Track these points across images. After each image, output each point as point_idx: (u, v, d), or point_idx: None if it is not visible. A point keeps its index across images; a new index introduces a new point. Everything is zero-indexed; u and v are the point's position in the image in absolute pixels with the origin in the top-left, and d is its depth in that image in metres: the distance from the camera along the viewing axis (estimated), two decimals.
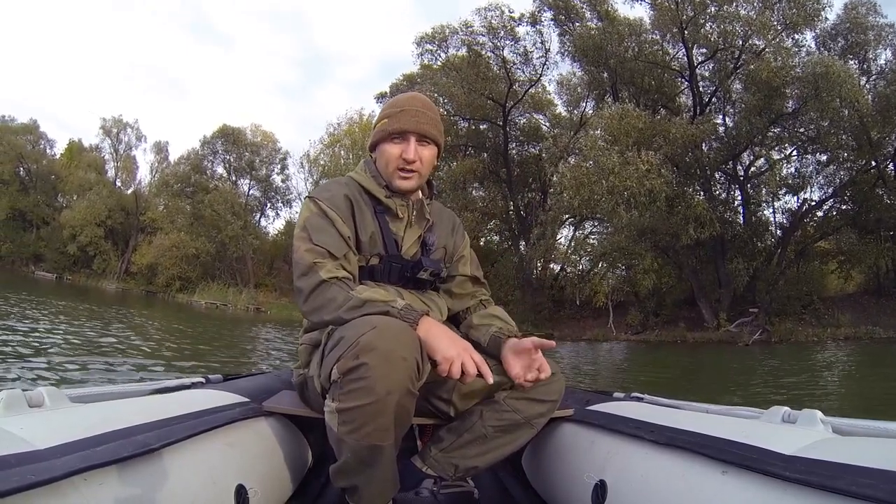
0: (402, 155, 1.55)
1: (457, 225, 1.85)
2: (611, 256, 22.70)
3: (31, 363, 5.96)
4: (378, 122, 1.61)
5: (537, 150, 28.05)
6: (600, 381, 9.91)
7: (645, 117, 18.55)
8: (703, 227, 18.39)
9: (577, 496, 1.46)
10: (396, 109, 1.57)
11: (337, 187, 1.59)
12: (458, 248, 1.80)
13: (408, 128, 1.54)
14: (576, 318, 25.33)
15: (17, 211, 44.29)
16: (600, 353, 17.66)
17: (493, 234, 32.05)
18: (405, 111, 1.56)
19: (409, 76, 29.04)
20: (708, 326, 20.05)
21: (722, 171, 22.00)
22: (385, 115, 1.58)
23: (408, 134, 1.55)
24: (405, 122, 1.55)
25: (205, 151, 38.16)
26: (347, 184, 1.62)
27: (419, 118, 1.56)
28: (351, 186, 1.61)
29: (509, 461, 1.80)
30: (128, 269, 39.86)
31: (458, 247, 1.81)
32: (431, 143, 1.59)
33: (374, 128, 1.63)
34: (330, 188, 1.60)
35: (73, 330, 9.64)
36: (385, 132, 1.57)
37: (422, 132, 1.56)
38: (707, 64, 21.44)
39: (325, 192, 1.57)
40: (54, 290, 25.37)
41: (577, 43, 22.10)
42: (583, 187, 18.11)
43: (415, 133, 1.55)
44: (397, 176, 1.57)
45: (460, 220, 1.93)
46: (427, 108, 1.59)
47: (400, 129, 1.55)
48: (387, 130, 1.56)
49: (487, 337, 1.63)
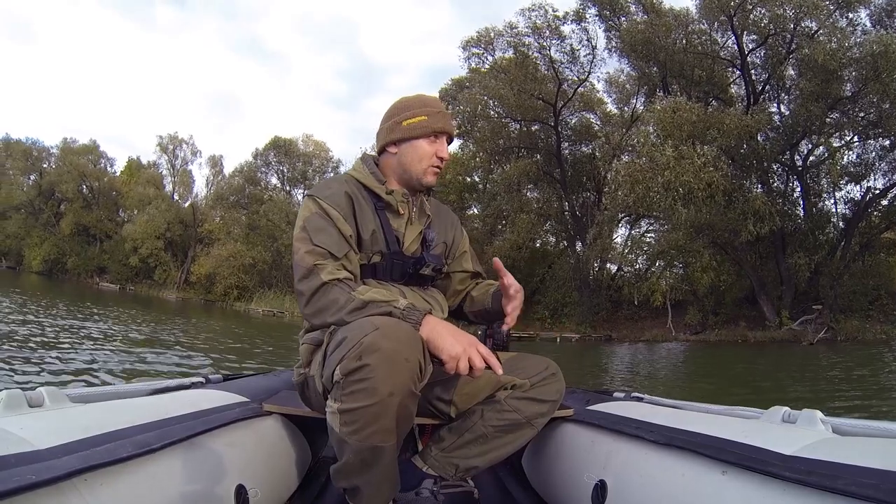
0: (437, 153, 1.63)
1: (455, 220, 1.91)
2: (668, 255, 22.63)
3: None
4: (409, 119, 1.64)
5: (590, 148, 28.28)
6: (660, 386, 9.93)
7: (698, 110, 18.34)
8: (762, 222, 18.09)
9: (577, 496, 1.50)
10: (432, 109, 1.64)
11: (337, 185, 1.62)
12: (458, 242, 1.86)
13: (447, 129, 1.65)
14: (633, 319, 25.34)
15: (82, 226, 48.18)
16: (658, 354, 17.63)
17: (549, 236, 32.23)
18: (442, 113, 1.65)
19: (457, 80, 29.76)
20: (770, 325, 19.65)
21: (779, 161, 21.32)
22: (421, 113, 1.63)
23: (443, 134, 1.64)
24: (444, 122, 1.64)
25: (258, 163, 40.52)
26: (347, 181, 1.65)
27: (450, 119, 1.67)
28: (351, 184, 1.64)
29: (509, 461, 1.81)
30: (187, 279, 42.35)
31: (458, 241, 1.86)
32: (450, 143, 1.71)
33: (395, 123, 1.66)
34: (330, 185, 1.63)
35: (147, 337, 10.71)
36: (427, 129, 1.62)
37: (453, 134, 1.68)
38: (758, 51, 20.88)
39: (325, 190, 1.60)
40: (119, 301, 27.23)
41: (623, 38, 22.00)
42: (638, 184, 18.13)
43: (449, 134, 1.66)
44: (431, 172, 1.65)
45: (459, 220, 1.99)
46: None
47: (442, 129, 1.63)
48: (430, 128, 1.62)
49: (489, 297, 1.76)
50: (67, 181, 47.23)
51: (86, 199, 48.95)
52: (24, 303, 16.90)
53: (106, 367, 7.28)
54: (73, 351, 8.25)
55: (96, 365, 7.33)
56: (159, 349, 9.59)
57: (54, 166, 49.83)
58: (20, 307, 15.14)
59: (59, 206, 50.29)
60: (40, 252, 48.07)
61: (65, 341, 9.20)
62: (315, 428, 1.83)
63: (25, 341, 8.62)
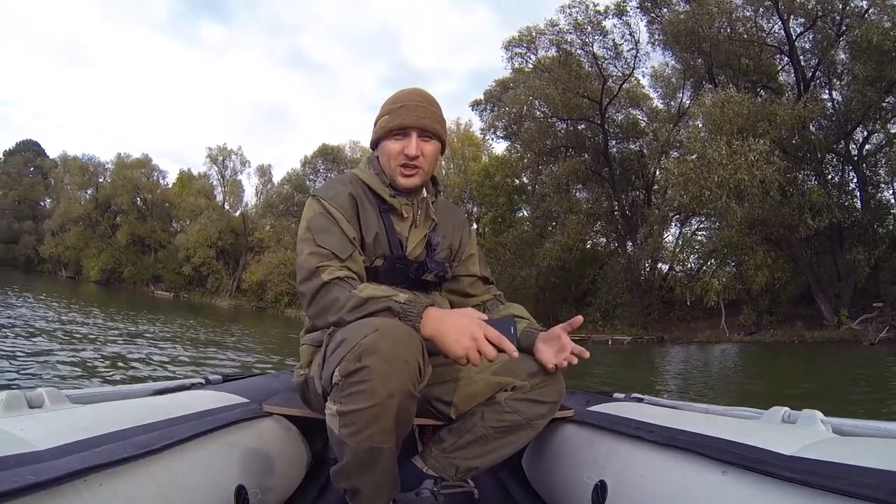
0: (403, 151, 1.56)
1: (464, 221, 1.86)
2: (720, 253, 22.29)
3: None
4: (378, 119, 1.62)
5: (637, 146, 28.29)
6: (716, 391, 9.79)
7: (748, 102, 18.02)
8: (820, 215, 17.73)
9: (577, 496, 1.51)
10: (396, 105, 1.59)
11: (341, 186, 1.61)
12: (465, 244, 1.82)
13: (409, 123, 1.56)
14: (686, 320, 25.02)
15: (137, 237, 51.35)
16: (712, 356, 17.35)
17: (599, 237, 32.19)
18: (405, 106, 1.57)
19: (501, 81, 30.14)
20: (828, 324, 19.08)
21: (833, 151, 20.76)
22: (385, 112, 1.60)
23: (409, 129, 1.56)
24: (405, 117, 1.56)
25: (306, 171, 42.08)
26: (352, 181, 1.63)
27: (420, 112, 1.57)
28: (355, 184, 1.62)
29: (509, 461, 1.79)
30: (239, 286, 44.40)
31: (465, 243, 1.82)
32: (434, 138, 1.60)
33: (374, 125, 1.65)
34: (334, 186, 1.62)
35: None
36: (385, 129, 1.58)
37: (423, 127, 1.57)
38: (807, 35, 20.44)
39: (329, 191, 1.59)
40: (173, 308, 28.71)
41: (666, 30, 21.84)
42: (691, 183, 17.99)
43: (416, 128, 1.56)
44: (400, 173, 1.59)
45: (468, 221, 1.95)
46: (428, 103, 1.61)
47: (400, 124, 1.56)
48: (387, 127, 1.57)
49: (522, 334, 1.65)
50: (122, 194, 50.56)
51: (140, 210, 52.06)
52: (89, 311, 18.30)
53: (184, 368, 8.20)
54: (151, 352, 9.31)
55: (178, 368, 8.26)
56: (221, 349, 10.27)
57: (109, 180, 53.28)
58: (85, 315, 16.57)
59: (115, 218, 53.70)
60: (98, 262, 51.18)
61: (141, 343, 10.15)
62: (315, 429, 1.83)
63: (104, 344, 9.76)
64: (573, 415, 1.78)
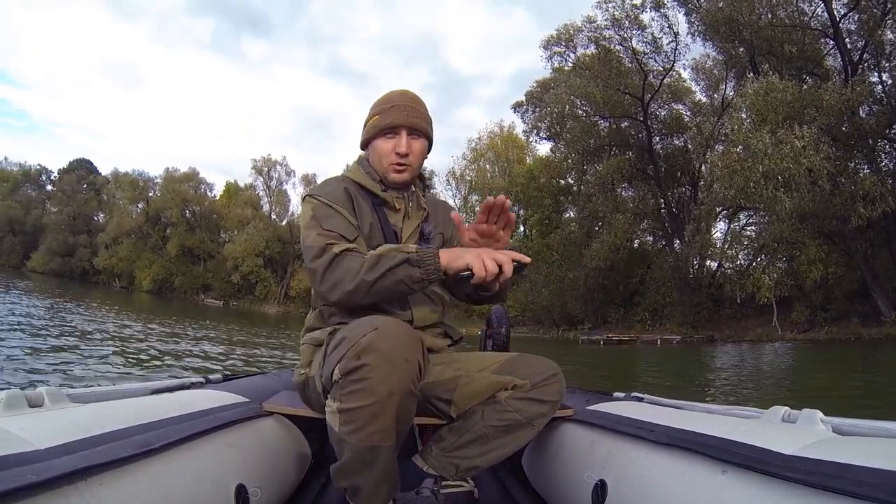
0: (394, 149, 1.64)
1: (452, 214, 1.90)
2: (770, 248, 21.92)
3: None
4: (369, 120, 1.70)
5: (682, 141, 28.12)
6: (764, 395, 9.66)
7: (792, 88, 17.75)
8: (873, 204, 17.25)
9: (577, 496, 1.52)
10: (387, 106, 1.66)
11: (335, 183, 1.69)
12: (456, 235, 1.78)
13: (399, 122, 1.63)
14: (736, 318, 24.82)
15: (186, 248, 53.47)
16: (764, 356, 17.03)
17: (647, 235, 32.18)
18: (395, 107, 1.65)
19: (542, 82, 30.41)
20: (885, 320, 18.60)
21: (886, 137, 20.13)
22: (376, 112, 1.68)
23: (399, 128, 1.64)
24: (396, 116, 1.64)
25: None
26: (344, 180, 1.71)
27: (409, 112, 1.65)
28: (347, 183, 1.69)
29: (509, 461, 1.81)
30: (287, 293, 45.91)
31: (457, 234, 1.78)
32: (422, 136, 1.69)
33: (364, 125, 1.73)
34: (328, 184, 1.71)
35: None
36: (377, 128, 1.66)
37: (412, 126, 1.65)
38: (851, 16, 19.91)
39: (324, 188, 1.67)
40: (223, 315, 29.94)
41: (705, 20, 21.68)
42: (736, 175, 17.86)
43: (406, 127, 1.64)
44: (392, 170, 1.66)
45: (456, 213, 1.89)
46: (416, 103, 1.70)
47: (391, 124, 1.64)
48: (379, 126, 1.65)
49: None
50: (171, 207, 52.87)
51: (189, 222, 54.19)
52: (150, 318, 19.44)
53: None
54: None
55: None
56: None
57: (159, 194, 55.63)
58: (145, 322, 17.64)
59: (165, 231, 55.98)
60: (150, 273, 53.51)
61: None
62: (315, 428, 1.81)
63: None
64: (573, 414, 1.80)
